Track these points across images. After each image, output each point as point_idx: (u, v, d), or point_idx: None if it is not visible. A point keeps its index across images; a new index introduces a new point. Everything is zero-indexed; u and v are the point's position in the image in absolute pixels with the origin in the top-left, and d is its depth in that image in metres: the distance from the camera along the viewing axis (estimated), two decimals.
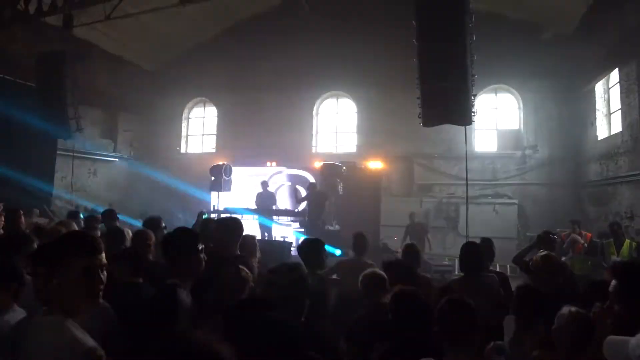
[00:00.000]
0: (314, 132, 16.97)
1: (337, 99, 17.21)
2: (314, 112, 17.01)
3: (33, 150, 11.96)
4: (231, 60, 16.90)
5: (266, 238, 11.34)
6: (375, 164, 14.26)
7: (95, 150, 15.78)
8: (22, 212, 6.67)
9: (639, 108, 10.03)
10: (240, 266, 3.28)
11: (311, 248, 4.62)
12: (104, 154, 16.30)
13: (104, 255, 2.04)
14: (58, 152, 13.26)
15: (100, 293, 2.01)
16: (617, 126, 12.01)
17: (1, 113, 10.77)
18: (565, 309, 2.80)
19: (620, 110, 11.66)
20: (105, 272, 2.02)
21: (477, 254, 4.63)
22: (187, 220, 11.74)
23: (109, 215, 7.19)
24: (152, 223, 5.43)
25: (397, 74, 13.32)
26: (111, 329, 2.72)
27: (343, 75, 15.77)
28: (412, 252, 5.18)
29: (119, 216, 7.74)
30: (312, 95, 16.81)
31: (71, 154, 13.36)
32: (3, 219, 6.39)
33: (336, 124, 17.19)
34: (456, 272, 11.71)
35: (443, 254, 13.09)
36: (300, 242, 4.91)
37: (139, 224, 8.14)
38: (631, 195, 10.84)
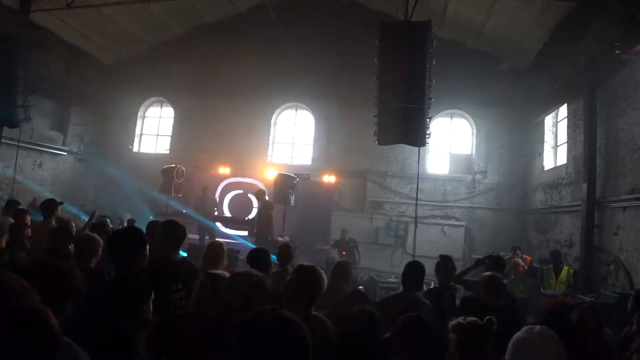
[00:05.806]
0: (270, 142, 16.90)
1: (296, 110, 17.23)
2: (272, 121, 16.96)
3: None
4: (193, 62, 16.74)
5: (207, 239, 11.22)
6: (328, 178, 14.31)
7: (42, 141, 15.15)
8: None
9: (583, 143, 10.48)
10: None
11: (258, 257, 4.63)
12: (52, 146, 15.63)
13: None
14: (2, 140, 12.69)
15: None
16: (562, 158, 12.51)
17: None
18: (460, 318, 2.86)
19: (566, 144, 12.16)
20: None
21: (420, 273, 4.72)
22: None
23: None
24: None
25: (357, 91, 13.53)
26: None
27: (304, 87, 15.81)
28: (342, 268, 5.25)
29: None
30: (272, 105, 16.77)
31: (16, 143, 12.86)
32: None
33: (293, 135, 17.20)
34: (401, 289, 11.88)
35: (390, 271, 13.24)
36: (250, 250, 4.92)
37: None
38: (571, 224, 11.29)
